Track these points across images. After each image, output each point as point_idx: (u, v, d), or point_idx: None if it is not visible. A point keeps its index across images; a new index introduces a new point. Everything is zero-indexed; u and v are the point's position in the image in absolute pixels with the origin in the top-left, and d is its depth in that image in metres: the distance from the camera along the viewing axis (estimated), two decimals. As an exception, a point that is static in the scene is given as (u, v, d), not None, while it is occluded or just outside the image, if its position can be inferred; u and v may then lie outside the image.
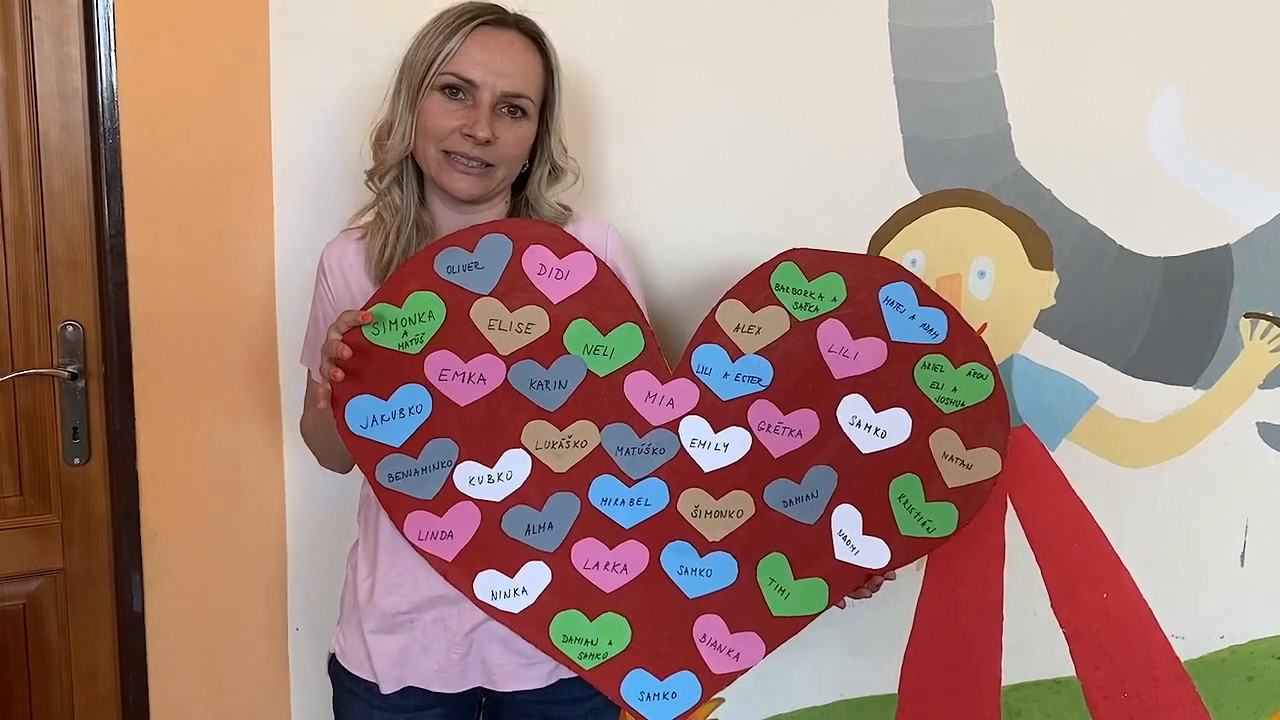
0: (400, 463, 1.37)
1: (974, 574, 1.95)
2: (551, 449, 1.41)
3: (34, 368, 1.73)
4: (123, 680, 1.85)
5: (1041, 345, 1.88)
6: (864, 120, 1.81)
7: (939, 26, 1.80)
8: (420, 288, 1.37)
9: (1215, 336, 1.87)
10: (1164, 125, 1.82)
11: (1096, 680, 1.98)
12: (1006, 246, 1.85)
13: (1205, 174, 1.82)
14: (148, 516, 1.78)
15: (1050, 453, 1.91)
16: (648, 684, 1.43)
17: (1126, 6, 1.79)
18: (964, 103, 1.81)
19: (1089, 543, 1.93)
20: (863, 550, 1.46)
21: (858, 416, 1.46)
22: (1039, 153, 1.82)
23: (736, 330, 1.46)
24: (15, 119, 1.67)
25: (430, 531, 1.39)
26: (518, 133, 1.44)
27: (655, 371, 1.44)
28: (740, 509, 1.45)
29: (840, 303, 1.48)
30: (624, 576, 1.43)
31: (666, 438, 1.44)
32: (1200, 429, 1.89)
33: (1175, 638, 1.96)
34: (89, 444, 1.78)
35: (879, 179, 1.83)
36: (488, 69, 1.40)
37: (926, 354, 1.47)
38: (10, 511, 1.76)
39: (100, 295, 1.74)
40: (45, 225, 1.70)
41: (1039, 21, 1.79)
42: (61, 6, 1.65)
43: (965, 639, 1.97)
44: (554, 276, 1.41)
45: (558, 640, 1.42)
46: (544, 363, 1.40)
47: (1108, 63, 1.80)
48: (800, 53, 1.79)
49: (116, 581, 1.83)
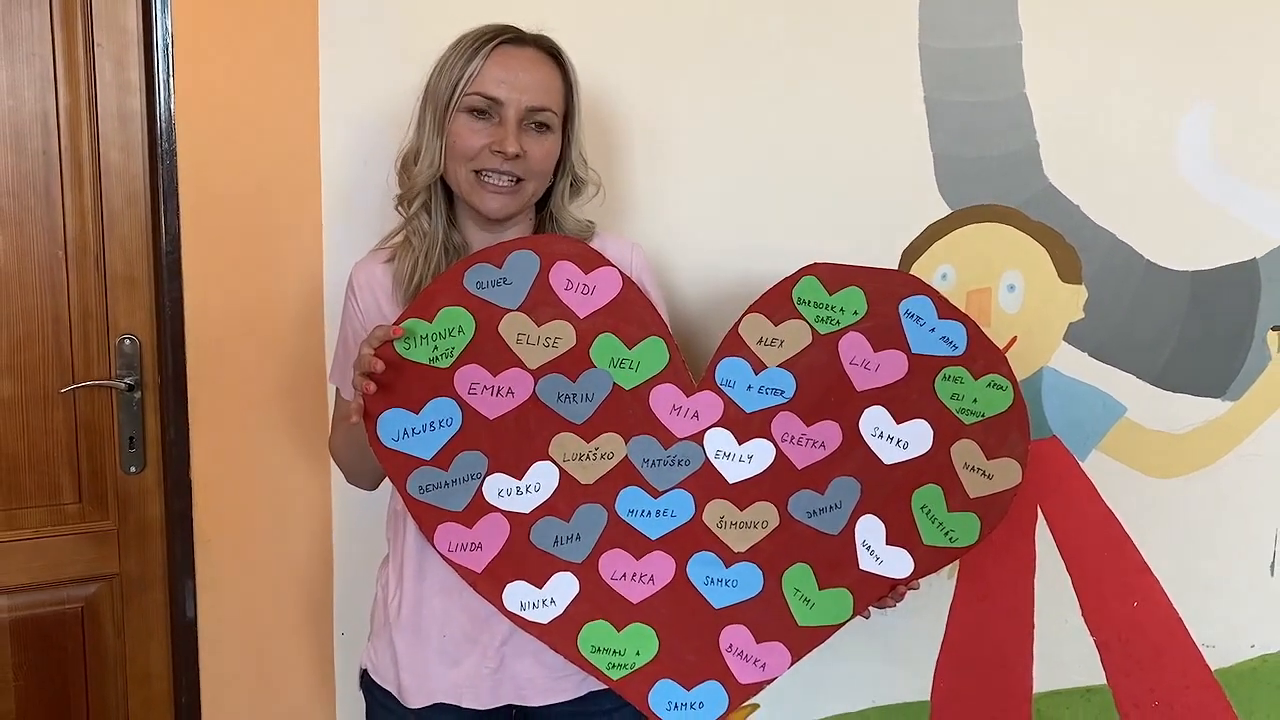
0: (430, 475, 1.36)
1: (1005, 583, 1.93)
2: (579, 461, 1.40)
3: (93, 379, 1.75)
4: (175, 682, 1.86)
5: (1071, 358, 1.86)
6: (895, 138, 1.81)
7: (968, 47, 1.79)
8: (450, 303, 1.36)
9: (1243, 349, 1.85)
10: (1190, 142, 1.80)
11: (1127, 688, 1.95)
12: (1036, 261, 1.84)
13: (1231, 190, 1.81)
14: (200, 523, 1.80)
15: (1080, 463, 1.89)
16: (675, 694, 1.41)
17: (1151, 28, 1.78)
18: (993, 121, 1.81)
19: (1119, 552, 1.90)
20: (886, 560, 1.43)
21: (880, 428, 1.44)
22: (1067, 169, 1.82)
23: (759, 343, 1.45)
24: (78, 141, 1.69)
25: (460, 543, 1.37)
26: (544, 146, 1.43)
27: (680, 384, 1.42)
28: (765, 520, 1.43)
29: (861, 316, 1.45)
30: (651, 587, 1.41)
31: (692, 450, 1.42)
32: (1229, 440, 1.87)
33: (1205, 646, 1.93)
34: (144, 453, 1.79)
35: (910, 195, 1.83)
36: (511, 86, 1.39)
37: (947, 366, 1.45)
38: (69, 518, 1.78)
39: (156, 310, 1.75)
40: (105, 243, 1.73)
41: (1067, 42, 1.79)
42: (122, 34, 1.68)
43: (997, 647, 1.95)
44: (580, 291, 1.39)
45: (586, 651, 1.40)
46: (571, 376, 1.39)
47: (1134, 82, 1.80)
48: (832, 71, 1.79)
49: (170, 586, 1.84)
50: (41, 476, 1.75)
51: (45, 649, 1.80)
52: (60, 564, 1.78)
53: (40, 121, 1.66)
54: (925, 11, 1.77)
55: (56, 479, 1.76)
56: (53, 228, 1.70)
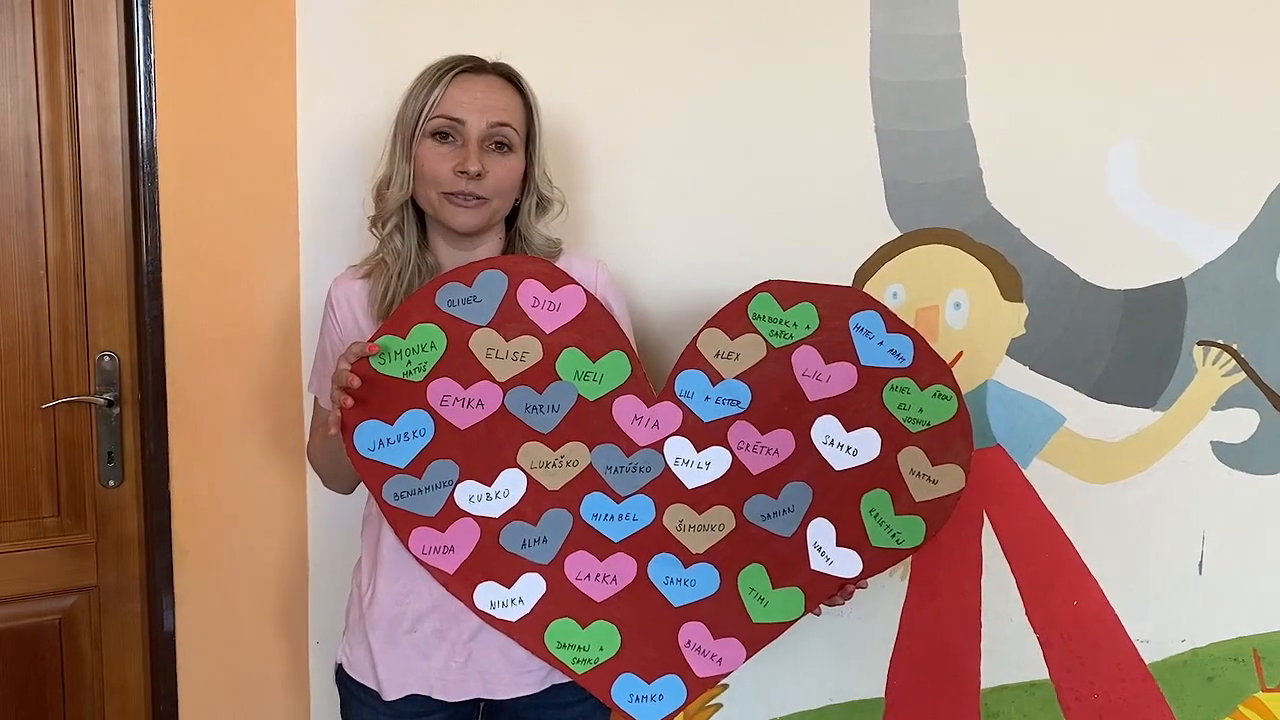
0: (405, 482, 1.39)
1: (954, 584, 1.96)
2: (545, 468, 1.43)
3: (73, 395, 1.74)
4: (153, 692, 1.85)
5: (1013, 371, 1.90)
6: (848, 164, 1.84)
7: (916, 80, 1.83)
8: (423, 320, 1.39)
9: (1172, 362, 1.89)
10: (1121, 170, 1.85)
11: (1069, 682, 1.99)
12: (980, 280, 1.88)
13: (1159, 215, 1.86)
14: (178, 536, 1.78)
15: (1023, 471, 1.93)
16: (636, 687, 1.45)
17: (1085, 65, 1.83)
18: (940, 150, 1.84)
19: (1059, 554, 1.94)
20: (837, 561, 1.47)
21: (831, 436, 1.48)
22: (1008, 195, 1.86)
23: (717, 356, 1.48)
24: (59, 162, 1.69)
25: (433, 546, 1.40)
26: (506, 165, 1.46)
27: (641, 395, 1.46)
28: (722, 523, 1.47)
29: (813, 330, 1.49)
30: (614, 587, 1.45)
31: (652, 457, 1.46)
32: (1160, 448, 1.91)
33: (1140, 642, 1.97)
34: (123, 467, 1.79)
35: (862, 218, 1.86)
36: (471, 108, 1.43)
37: (894, 377, 1.49)
38: (49, 531, 1.77)
39: (136, 328, 1.75)
40: (85, 262, 1.72)
41: (1006, 77, 1.83)
42: (104, 60, 1.68)
43: (946, 645, 1.98)
44: (547, 308, 1.43)
45: (552, 647, 1.43)
46: (538, 388, 1.42)
47: (1070, 115, 1.84)
48: (789, 101, 1.83)
49: (148, 597, 1.83)
50: (21, 490, 1.74)
51: (23, 660, 1.78)
52: (39, 576, 1.77)
53: (23, 144, 1.66)
54: (876, 47, 1.81)
55: (36, 493, 1.75)
56: (34, 247, 1.69)
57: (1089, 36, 1.82)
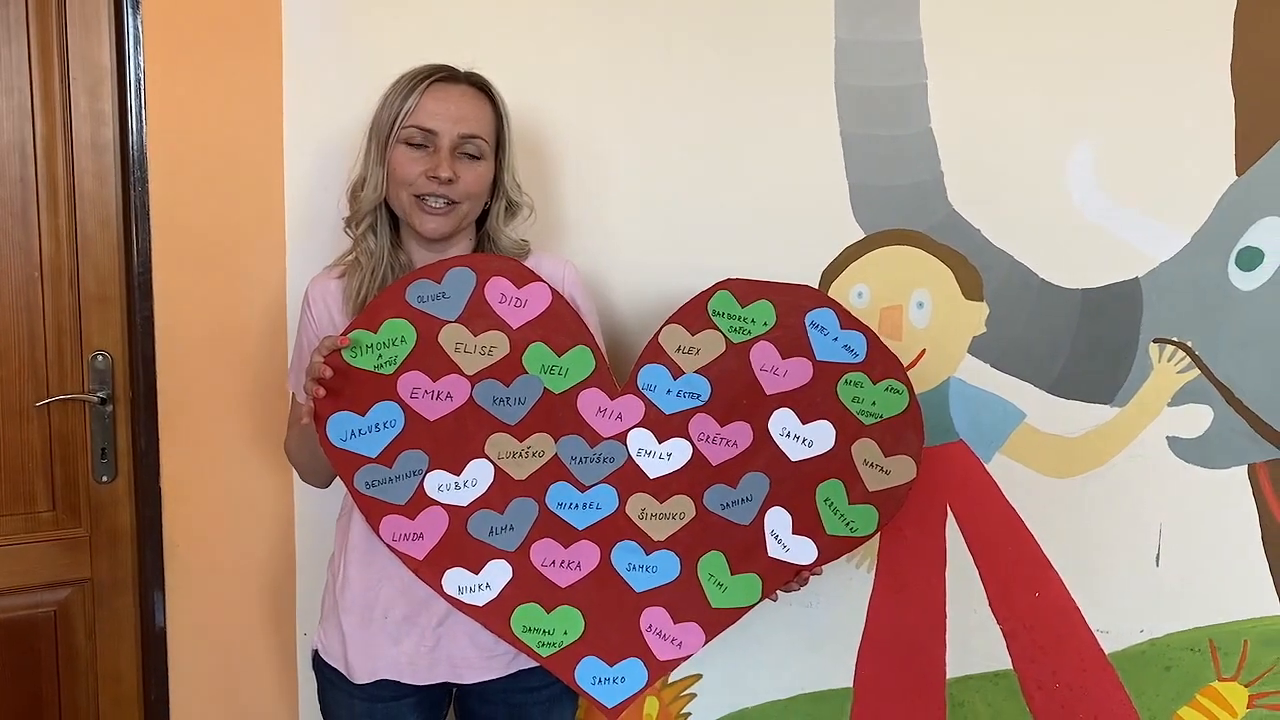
0: (376, 472, 1.42)
1: (919, 576, 1.97)
2: (512, 458, 1.46)
3: (67, 393, 1.77)
4: (145, 682, 1.87)
5: (975, 368, 1.91)
6: (814, 168, 1.86)
7: (879, 86, 1.84)
8: (393, 315, 1.42)
9: (1128, 360, 1.90)
10: (1078, 172, 1.86)
11: (1031, 672, 1.99)
12: (942, 280, 1.89)
13: (1116, 215, 1.86)
14: (169, 530, 1.81)
15: (985, 465, 1.94)
16: (599, 669, 1.47)
17: (1043, 70, 1.84)
18: (903, 153, 1.85)
19: (1021, 547, 1.95)
20: (793, 548, 1.50)
21: (787, 428, 1.51)
22: (969, 197, 1.87)
23: (678, 351, 1.51)
24: (53, 168, 1.71)
25: (403, 533, 1.43)
26: (476, 171, 1.49)
27: (605, 389, 1.49)
28: (682, 511, 1.49)
29: (770, 326, 1.53)
30: (578, 573, 1.47)
31: (616, 448, 1.49)
32: (1117, 443, 1.92)
33: (1100, 632, 1.98)
34: (116, 463, 1.81)
35: (828, 220, 1.87)
36: (443, 118, 1.46)
37: (848, 372, 1.52)
38: (43, 525, 1.79)
39: (128, 327, 1.77)
40: (79, 264, 1.74)
41: (967, 83, 1.84)
42: (96, 69, 1.71)
43: (912, 636, 1.99)
44: (513, 305, 1.46)
45: (518, 630, 1.46)
46: (505, 381, 1.45)
47: (1028, 118, 1.85)
48: (755, 106, 1.84)
49: (140, 590, 1.85)
50: (17, 486, 1.77)
51: (20, 651, 1.80)
52: (34, 569, 1.79)
53: (18, 150, 1.69)
54: (841, 54, 1.83)
55: (31, 488, 1.78)
56: (29, 250, 1.72)
57: (1046, 41, 1.83)
